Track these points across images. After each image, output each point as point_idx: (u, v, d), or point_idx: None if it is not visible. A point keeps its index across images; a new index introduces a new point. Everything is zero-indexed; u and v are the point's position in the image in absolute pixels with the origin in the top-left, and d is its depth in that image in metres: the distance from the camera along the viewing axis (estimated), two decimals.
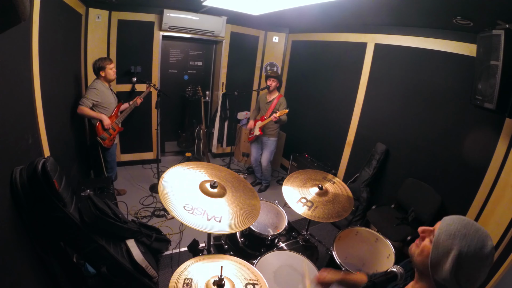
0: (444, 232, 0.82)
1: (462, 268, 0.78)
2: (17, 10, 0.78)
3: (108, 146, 3.00)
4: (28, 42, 1.70)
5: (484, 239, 0.79)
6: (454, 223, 0.83)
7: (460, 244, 0.78)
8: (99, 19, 3.43)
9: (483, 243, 0.78)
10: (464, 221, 0.83)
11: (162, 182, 1.43)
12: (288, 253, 1.82)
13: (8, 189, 1.33)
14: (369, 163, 3.15)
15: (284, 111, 3.33)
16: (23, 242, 1.40)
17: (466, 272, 0.78)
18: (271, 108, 3.60)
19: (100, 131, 2.89)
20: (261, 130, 3.67)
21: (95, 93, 2.78)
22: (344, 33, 3.55)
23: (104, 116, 2.88)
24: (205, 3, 3.06)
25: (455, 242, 0.79)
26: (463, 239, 0.79)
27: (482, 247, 0.78)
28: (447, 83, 2.47)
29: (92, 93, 2.76)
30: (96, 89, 2.79)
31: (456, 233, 0.81)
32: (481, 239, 0.79)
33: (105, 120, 2.88)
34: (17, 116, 1.52)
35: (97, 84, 2.82)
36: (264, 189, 4.05)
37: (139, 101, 3.27)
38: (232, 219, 1.41)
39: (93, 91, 2.77)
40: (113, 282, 1.82)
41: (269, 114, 3.57)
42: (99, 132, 2.88)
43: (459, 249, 0.78)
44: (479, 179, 2.16)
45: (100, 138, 2.89)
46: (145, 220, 3.04)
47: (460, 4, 1.80)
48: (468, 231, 0.80)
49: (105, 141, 2.93)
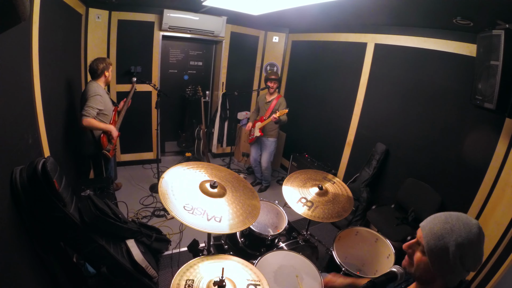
0: (432, 238, 0.84)
1: (466, 255, 0.80)
2: (17, 10, 0.78)
3: (112, 156, 2.82)
4: (28, 42, 1.70)
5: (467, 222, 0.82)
6: (435, 225, 0.85)
7: (452, 238, 0.81)
8: (99, 19, 3.43)
9: (469, 226, 0.81)
10: (442, 218, 0.86)
11: (162, 182, 1.43)
12: (288, 253, 1.82)
13: (8, 189, 1.33)
14: (369, 163, 3.15)
15: (284, 111, 3.32)
16: (23, 242, 1.40)
17: (470, 255, 0.81)
18: (270, 108, 3.59)
19: (106, 143, 2.66)
20: (261, 131, 3.67)
21: (100, 100, 2.49)
22: (344, 33, 3.54)
23: (113, 128, 2.64)
24: (205, 3, 3.06)
25: (447, 240, 0.81)
26: (452, 234, 0.81)
27: (470, 229, 0.81)
28: (447, 83, 2.47)
29: (97, 100, 2.46)
30: (99, 95, 2.49)
31: (443, 232, 0.82)
32: (465, 223, 0.82)
33: (114, 132, 2.64)
34: (17, 116, 1.52)
35: (99, 89, 2.52)
36: (265, 189, 4.06)
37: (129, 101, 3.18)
38: (232, 219, 1.41)
39: (97, 98, 2.47)
40: (113, 282, 1.82)
41: (269, 115, 3.57)
42: (105, 145, 2.65)
43: (454, 243, 0.80)
44: (479, 179, 2.16)
45: (106, 151, 2.69)
46: (145, 220, 3.04)
47: (460, 4, 1.80)
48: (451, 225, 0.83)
49: (109, 152, 2.74)
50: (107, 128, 2.60)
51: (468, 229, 0.81)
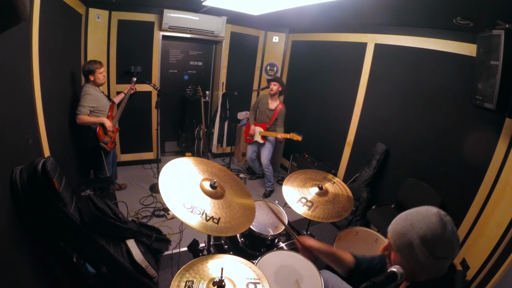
0: (396, 236, 0.87)
1: (433, 245, 0.80)
2: (17, 10, 0.78)
3: (110, 149, 2.97)
4: (28, 42, 1.70)
5: (426, 214, 0.83)
6: (397, 224, 0.88)
7: (414, 232, 0.82)
8: (99, 19, 3.43)
9: (428, 217, 0.82)
10: (402, 216, 0.89)
11: (161, 175, 1.43)
12: (288, 253, 1.82)
13: (8, 189, 1.33)
14: (369, 163, 3.15)
15: (297, 138, 3.39)
16: (23, 242, 1.40)
17: (439, 244, 0.81)
18: (273, 116, 3.62)
19: (102, 135, 2.84)
20: (263, 138, 3.69)
21: (90, 99, 2.71)
22: (344, 33, 3.55)
23: (105, 119, 2.84)
24: (205, 3, 3.06)
25: (409, 236, 0.82)
26: (413, 229, 0.82)
27: (430, 220, 0.81)
28: (447, 83, 2.47)
29: (87, 99, 2.69)
30: (90, 94, 2.72)
31: (404, 230, 0.84)
32: (424, 215, 0.83)
33: (106, 123, 2.83)
34: (17, 116, 1.52)
35: (89, 89, 2.74)
36: (269, 194, 3.95)
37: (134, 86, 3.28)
38: (229, 222, 1.41)
39: (87, 97, 2.70)
40: (113, 282, 1.82)
41: (271, 123, 3.64)
42: (101, 137, 2.82)
43: (416, 236, 0.81)
44: (479, 179, 2.16)
45: (103, 143, 2.84)
46: (145, 220, 3.04)
47: (460, 4, 1.80)
48: (410, 221, 0.84)
49: (107, 144, 2.89)
50: (99, 121, 2.81)
51: (427, 221, 0.81)
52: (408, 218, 0.86)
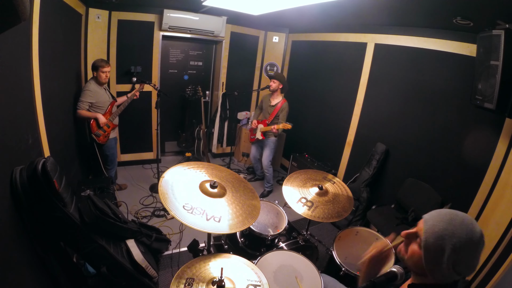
0: (431, 236, 0.81)
1: (459, 261, 0.78)
2: (17, 10, 0.78)
3: (102, 142, 3.09)
4: (28, 42, 1.70)
5: (471, 228, 0.79)
6: (438, 223, 0.82)
7: (451, 242, 0.78)
8: (99, 19, 3.43)
9: (472, 232, 0.78)
10: (447, 217, 0.82)
11: (162, 182, 1.43)
12: (288, 253, 1.82)
13: (8, 189, 1.32)
14: (369, 163, 3.15)
15: (287, 126, 3.33)
16: (23, 242, 1.40)
17: (464, 262, 0.78)
18: (274, 113, 3.59)
19: (94, 128, 3.00)
20: (263, 135, 3.68)
21: (89, 94, 2.90)
22: (344, 33, 3.54)
23: (99, 115, 3.00)
24: (205, 3, 3.06)
25: (445, 242, 0.78)
26: (452, 237, 0.78)
27: (472, 236, 0.78)
28: (447, 83, 2.47)
29: (86, 95, 2.89)
30: (89, 90, 2.91)
31: (444, 233, 0.79)
32: (468, 229, 0.79)
33: (100, 119, 3.00)
34: (17, 116, 1.52)
35: (90, 85, 2.94)
36: (267, 194, 3.96)
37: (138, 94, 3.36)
38: (231, 219, 1.41)
39: (86, 93, 2.90)
40: (113, 282, 1.82)
41: (272, 119, 3.59)
42: (93, 129, 3.00)
43: (452, 247, 0.77)
44: (479, 179, 2.16)
45: (94, 135, 3.00)
46: (145, 220, 3.04)
47: (460, 4, 1.80)
48: (454, 228, 0.79)
49: (99, 137, 3.03)
50: (93, 115, 2.99)
51: (470, 235, 0.77)
52: (452, 223, 0.80)
